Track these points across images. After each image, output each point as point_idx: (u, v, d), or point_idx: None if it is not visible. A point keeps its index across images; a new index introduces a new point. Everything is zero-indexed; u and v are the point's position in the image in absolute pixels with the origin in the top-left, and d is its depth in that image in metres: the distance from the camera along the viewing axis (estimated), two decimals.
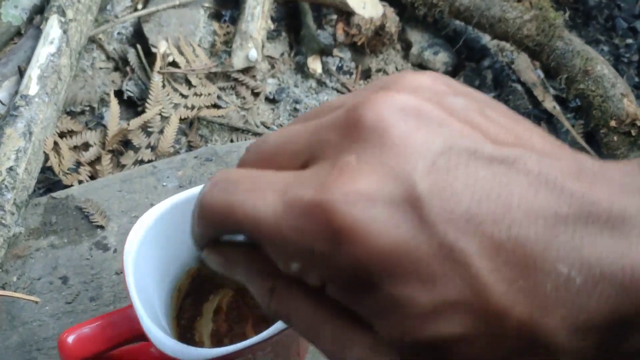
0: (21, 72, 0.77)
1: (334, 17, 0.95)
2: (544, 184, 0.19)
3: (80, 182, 0.73)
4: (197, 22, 0.93)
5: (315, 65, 0.92)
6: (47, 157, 0.72)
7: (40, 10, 0.86)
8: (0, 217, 0.62)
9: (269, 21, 0.91)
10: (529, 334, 0.18)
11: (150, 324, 0.36)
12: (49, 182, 0.75)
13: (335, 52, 0.94)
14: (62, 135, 0.77)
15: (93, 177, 0.75)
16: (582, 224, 0.19)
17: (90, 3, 0.83)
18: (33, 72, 0.73)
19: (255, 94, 0.89)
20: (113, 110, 0.79)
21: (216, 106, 0.85)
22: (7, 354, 0.56)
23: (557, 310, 0.18)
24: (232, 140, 0.84)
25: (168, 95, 0.83)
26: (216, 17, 0.96)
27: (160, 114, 0.81)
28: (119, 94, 0.85)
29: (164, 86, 0.83)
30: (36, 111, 0.71)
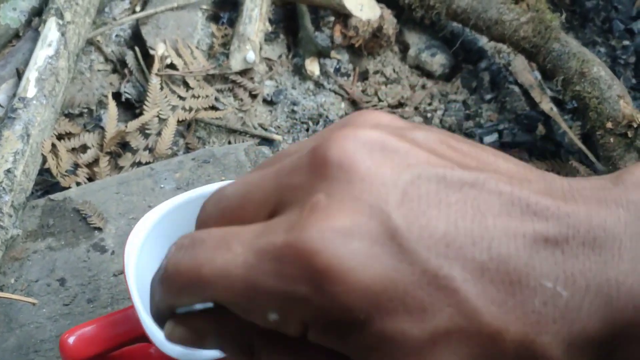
0: (19, 75, 0.77)
1: (332, 19, 0.95)
2: (517, 202, 0.19)
3: (78, 184, 0.73)
4: (195, 24, 0.93)
5: (312, 67, 0.92)
6: (44, 159, 0.72)
7: (39, 13, 0.86)
8: None
9: (266, 23, 0.92)
10: (526, 353, 0.18)
11: (151, 324, 0.36)
12: (46, 184, 0.75)
13: (333, 54, 0.94)
14: (60, 137, 0.77)
15: (91, 179, 0.75)
16: (562, 239, 0.19)
17: (88, 5, 0.83)
18: (31, 74, 0.73)
19: (253, 96, 0.89)
20: (111, 113, 0.79)
21: (214, 108, 0.85)
22: (5, 356, 0.56)
23: (550, 326, 0.18)
24: (229, 142, 0.84)
25: (166, 97, 0.83)
26: (214, 19, 0.96)
27: (158, 116, 0.81)
28: (116, 96, 0.85)
29: (161, 88, 0.84)
30: (34, 113, 0.71)
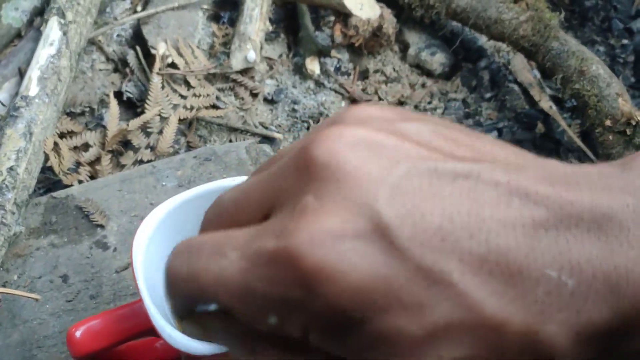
0: (21, 74, 0.78)
1: (332, 18, 0.95)
2: (515, 192, 0.18)
3: (80, 182, 0.74)
4: (196, 23, 0.94)
5: (313, 66, 0.93)
6: (47, 157, 0.72)
7: (40, 13, 0.87)
8: (1, 216, 0.62)
9: (267, 23, 0.92)
10: (531, 343, 0.18)
11: (159, 317, 0.37)
12: (49, 182, 0.76)
13: (333, 53, 0.94)
14: (62, 135, 0.78)
15: (93, 177, 0.75)
16: (565, 227, 0.18)
17: (89, 5, 0.83)
18: (33, 73, 0.74)
19: (254, 95, 0.89)
20: (113, 111, 0.80)
21: (215, 107, 0.86)
22: (8, 352, 0.56)
23: (555, 315, 0.18)
24: (230, 141, 0.85)
25: (167, 96, 0.84)
26: (215, 18, 0.97)
27: (159, 115, 0.82)
28: (118, 95, 0.85)
29: (163, 87, 0.84)
30: (36, 112, 0.71)
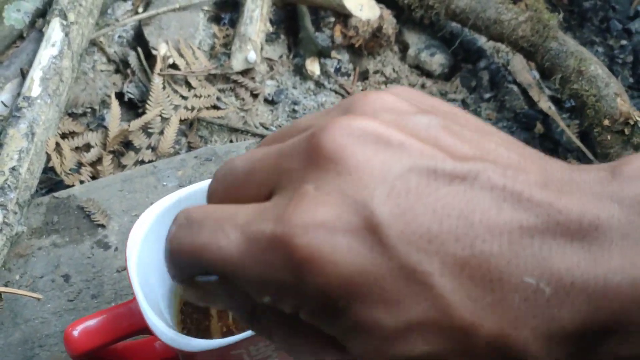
0: (23, 75, 0.78)
1: (332, 19, 0.96)
2: (508, 197, 0.19)
3: (81, 182, 0.74)
4: (197, 25, 0.94)
5: (313, 67, 0.93)
6: (49, 157, 0.73)
7: (43, 14, 0.87)
8: (4, 216, 0.63)
9: (267, 24, 0.92)
10: (500, 348, 0.19)
11: (153, 317, 0.37)
12: (51, 182, 0.76)
13: (333, 54, 0.95)
14: (63, 136, 0.78)
15: (94, 177, 0.76)
16: (550, 235, 0.19)
17: (91, 6, 0.84)
18: (35, 74, 0.74)
19: (254, 96, 0.90)
20: (114, 112, 0.80)
21: (216, 107, 0.86)
22: (10, 351, 0.57)
23: (528, 321, 0.18)
24: (231, 141, 0.85)
25: (168, 96, 0.84)
26: (215, 20, 0.97)
27: (160, 115, 0.82)
28: (119, 95, 0.86)
29: (164, 88, 0.85)
30: (38, 112, 0.72)
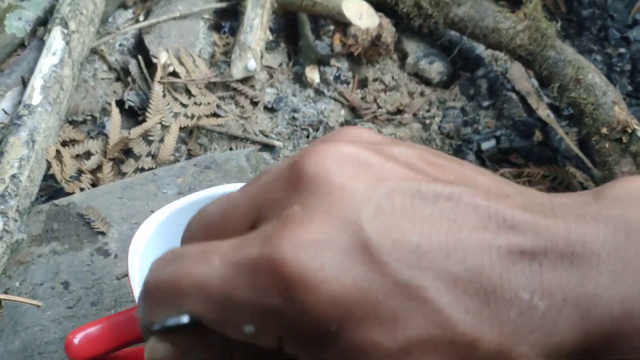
0: (24, 83, 0.79)
1: (331, 27, 0.96)
2: (494, 216, 0.19)
3: (81, 189, 0.74)
4: (197, 33, 0.95)
5: (313, 74, 0.94)
6: (49, 165, 0.73)
7: (44, 22, 0.88)
8: (4, 223, 0.63)
9: (267, 32, 0.93)
10: None
11: None
12: (51, 189, 0.76)
13: (333, 62, 0.95)
14: (64, 144, 0.79)
15: (94, 184, 0.76)
16: (540, 253, 0.19)
17: (92, 15, 0.85)
18: (36, 82, 0.75)
19: (254, 103, 0.90)
20: (114, 120, 0.81)
21: (215, 115, 0.87)
22: (10, 358, 0.57)
23: (527, 336, 0.18)
24: (231, 149, 0.85)
25: (168, 104, 0.85)
26: (216, 28, 0.98)
27: (160, 123, 0.83)
28: (120, 103, 0.86)
29: (164, 96, 0.85)
30: (39, 120, 0.72)
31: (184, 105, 0.86)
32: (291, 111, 0.91)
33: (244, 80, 0.90)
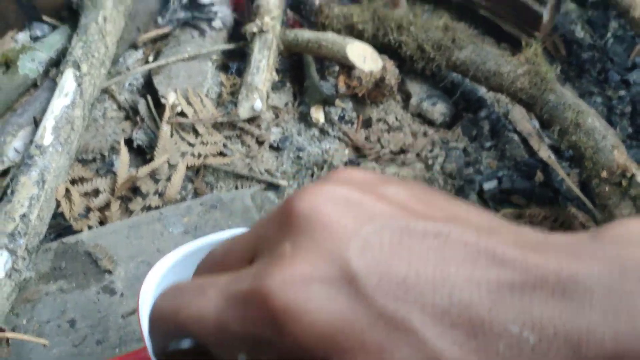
0: (36, 123, 0.81)
1: (336, 68, 0.98)
2: (483, 252, 0.20)
3: (89, 227, 0.75)
4: (205, 73, 0.97)
5: (318, 114, 0.95)
6: (58, 203, 0.74)
7: (56, 64, 0.90)
8: (13, 262, 0.64)
9: (273, 73, 0.95)
10: None
11: None
12: (59, 227, 0.78)
13: (338, 102, 0.97)
14: (73, 182, 0.80)
15: (102, 222, 0.77)
16: (530, 288, 0.19)
17: (103, 57, 0.87)
18: (48, 122, 0.77)
19: (260, 143, 0.92)
20: (123, 158, 0.82)
21: (222, 154, 0.88)
22: None
23: None
24: (236, 187, 0.87)
25: (176, 144, 0.86)
26: (223, 69, 1.00)
27: (168, 162, 0.84)
28: (128, 142, 0.88)
29: (172, 135, 0.87)
30: (50, 160, 0.74)
31: (191, 145, 0.87)
32: (296, 150, 0.93)
33: (250, 120, 0.92)
